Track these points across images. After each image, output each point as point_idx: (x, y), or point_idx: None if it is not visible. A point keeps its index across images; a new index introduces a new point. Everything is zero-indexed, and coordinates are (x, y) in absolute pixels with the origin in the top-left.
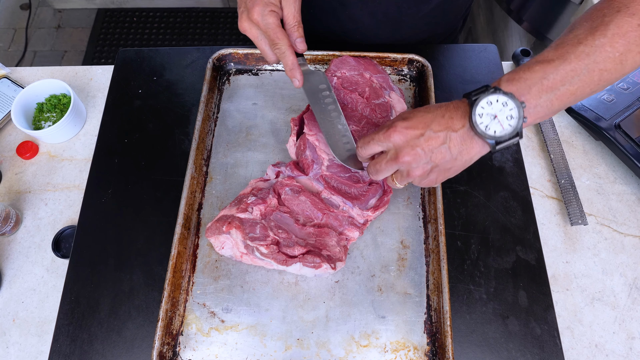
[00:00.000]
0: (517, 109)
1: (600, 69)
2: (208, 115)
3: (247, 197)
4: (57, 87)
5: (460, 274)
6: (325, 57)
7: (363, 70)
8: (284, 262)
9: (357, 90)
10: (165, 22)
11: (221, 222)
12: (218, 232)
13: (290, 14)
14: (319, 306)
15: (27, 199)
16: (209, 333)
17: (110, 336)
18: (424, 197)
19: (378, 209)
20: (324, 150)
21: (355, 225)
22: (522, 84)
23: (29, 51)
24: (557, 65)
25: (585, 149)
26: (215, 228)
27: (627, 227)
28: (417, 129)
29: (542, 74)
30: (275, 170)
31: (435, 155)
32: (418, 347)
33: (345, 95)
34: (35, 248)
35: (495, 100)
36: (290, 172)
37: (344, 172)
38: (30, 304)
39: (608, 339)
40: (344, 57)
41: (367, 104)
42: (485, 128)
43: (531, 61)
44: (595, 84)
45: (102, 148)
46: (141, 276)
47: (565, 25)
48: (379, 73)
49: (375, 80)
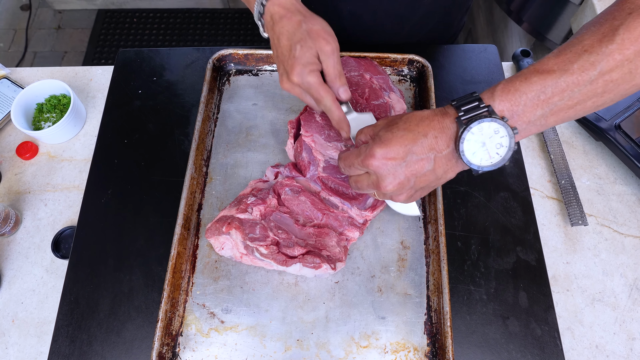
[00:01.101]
0: (509, 139)
1: (606, 79)
2: (208, 116)
3: (246, 198)
4: (57, 88)
5: (460, 275)
6: None
7: (364, 72)
8: (283, 263)
9: (357, 92)
10: (165, 23)
11: (221, 222)
12: (218, 233)
13: (331, 66)
14: (318, 307)
15: (26, 199)
16: (208, 334)
17: (110, 337)
18: (423, 197)
19: (376, 209)
20: (320, 152)
21: (355, 226)
22: (517, 98)
23: (29, 52)
24: (558, 76)
25: (586, 149)
26: (215, 229)
27: (627, 228)
28: (396, 157)
29: (540, 86)
30: (274, 172)
31: (419, 180)
32: (418, 348)
33: None
34: (35, 249)
35: (487, 127)
36: (289, 173)
37: (340, 173)
38: (29, 304)
39: (609, 340)
40: (345, 58)
41: (367, 105)
42: (472, 155)
43: (529, 69)
44: (599, 97)
45: (102, 148)
46: (141, 277)
47: (565, 26)
48: (379, 74)
49: (376, 82)
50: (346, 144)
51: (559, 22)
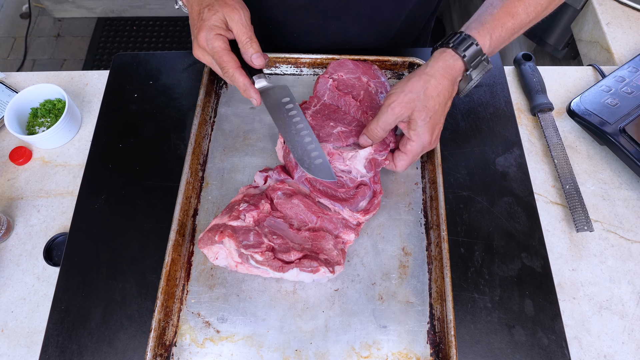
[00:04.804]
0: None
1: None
2: (205, 119)
3: (238, 205)
4: (52, 92)
5: (464, 282)
6: (324, 60)
7: (361, 74)
8: (280, 269)
9: (351, 93)
10: (165, 31)
11: (213, 231)
12: (211, 242)
13: (240, 31)
14: (317, 315)
15: (19, 205)
16: (203, 344)
17: (101, 347)
18: (425, 202)
19: (369, 213)
20: None
21: (350, 227)
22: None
23: (28, 59)
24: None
25: (590, 153)
26: (208, 238)
27: (634, 234)
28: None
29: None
30: (263, 176)
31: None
32: (421, 358)
33: (339, 97)
34: (27, 256)
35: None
36: (278, 176)
37: None
38: (20, 313)
39: (617, 349)
40: (342, 60)
41: (360, 107)
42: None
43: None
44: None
45: (96, 153)
46: (134, 284)
47: (566, 31)
48: (377, 78)
49: (373, 85)
50: (335, 145)
51: (559, 26)
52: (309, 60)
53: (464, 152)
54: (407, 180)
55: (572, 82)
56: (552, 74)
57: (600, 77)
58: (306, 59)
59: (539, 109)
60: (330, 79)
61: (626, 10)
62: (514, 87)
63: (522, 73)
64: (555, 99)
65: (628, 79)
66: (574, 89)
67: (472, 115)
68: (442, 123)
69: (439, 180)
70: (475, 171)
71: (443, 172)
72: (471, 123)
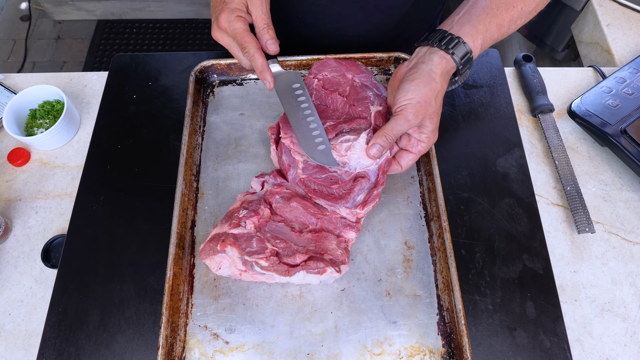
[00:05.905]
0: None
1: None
2: (194, 129)
3: (238, 212)
4: (51, 93)
5: (464, 284)
6: (309, 61)
7: (345, 71)
8: (286, 273)
9: (337, 90)
10: (165, 34)
11: (214, 241)
12: (213, 253)
13: (259, 16)
14: (326, 317)
15: (17, 207)
16: (213, 356)
17: (99, 350)
18: (423, 195)
19: (367, 204)
20: (298, 152)
21: (349, 226)
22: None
23: (28, 62)
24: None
25: (591, 155)
26: (209, 249)
27: (635, 236)
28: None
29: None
30: (259, 182)
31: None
32: (434, 350)
33: (326, 96)
34: (25, 258)
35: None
36: (275, 180)
37: (319, 173)
38: (17, 315)
39: (619, 352)
40: (325, 59)
41: (347, 101)
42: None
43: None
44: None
45: (95, 154)
46: (132, 287)
47: (566, 33)
48: (362, 73)
49: (358, 80)
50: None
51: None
52: (294, 62)
53: (464, 154)
54: (403, 174)
55: (572, 83)
56: (553, 75)
57: (600, 78)
58: (292, 61)
59: (540, 110)
60: (315, 79)
61: (626, 12)
62: (514, 88)
63: (523, 74)
64: (555, 100)
65: (629, 80)
66: (575, 90)
67: (473, 117)
68: None
69: (435, 172)
70: (476, 172)
71: (443, 173)
72: (472, 124)
